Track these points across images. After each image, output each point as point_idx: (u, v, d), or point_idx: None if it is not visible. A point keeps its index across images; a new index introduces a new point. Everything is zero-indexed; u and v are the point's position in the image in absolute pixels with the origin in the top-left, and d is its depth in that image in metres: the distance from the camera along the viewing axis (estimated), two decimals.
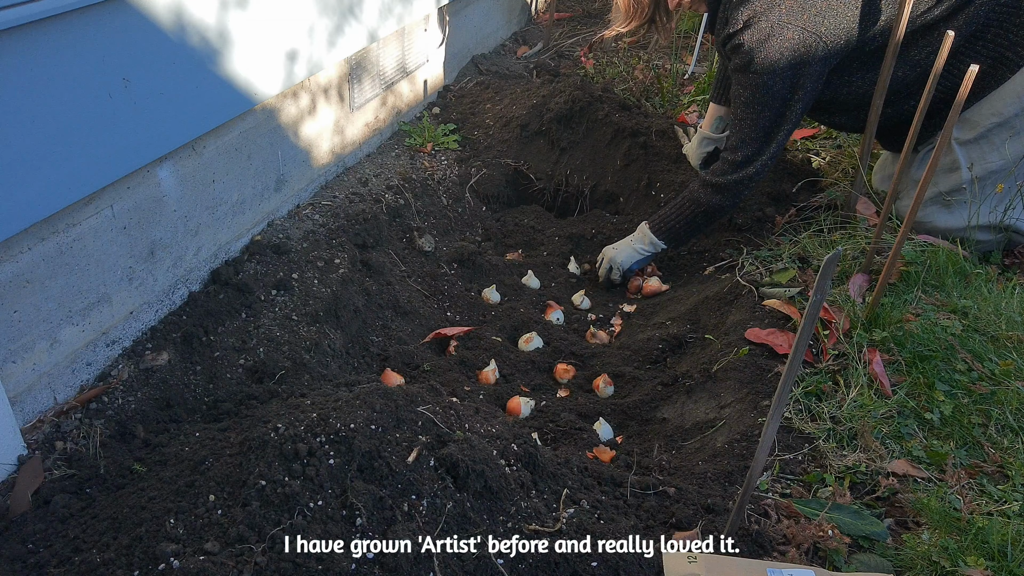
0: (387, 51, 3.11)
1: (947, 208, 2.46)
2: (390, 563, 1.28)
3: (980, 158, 2.40)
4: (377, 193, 2.85)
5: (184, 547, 1.32)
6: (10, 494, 1.54)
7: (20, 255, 1.62)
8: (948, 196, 2.44)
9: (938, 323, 2.01)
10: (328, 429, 1.44)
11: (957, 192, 2.42)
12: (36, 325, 1.70)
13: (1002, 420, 1.78)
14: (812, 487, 1.64)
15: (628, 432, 2.09)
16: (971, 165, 2.40)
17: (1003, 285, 2.26)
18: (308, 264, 2.37)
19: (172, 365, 1.94)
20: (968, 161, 2.41)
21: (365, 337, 2.35)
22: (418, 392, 1.63)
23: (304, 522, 1.32)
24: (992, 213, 2.40)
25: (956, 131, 2.44)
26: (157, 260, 2.03)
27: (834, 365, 1.95)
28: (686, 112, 3.56)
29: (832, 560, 1.44)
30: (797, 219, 2.72)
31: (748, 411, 1.90)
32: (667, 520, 1.53)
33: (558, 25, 4.86)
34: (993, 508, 1.54)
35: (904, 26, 2.16)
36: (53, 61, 1.57)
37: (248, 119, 2.30)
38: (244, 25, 2.12)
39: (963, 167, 2.41)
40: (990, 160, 2.39)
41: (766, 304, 2.22)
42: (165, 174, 2.00)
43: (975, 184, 2.39)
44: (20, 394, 1.69)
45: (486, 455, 1.48)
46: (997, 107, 2.36)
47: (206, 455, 1.57)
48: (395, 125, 3.37)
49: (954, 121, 1.74)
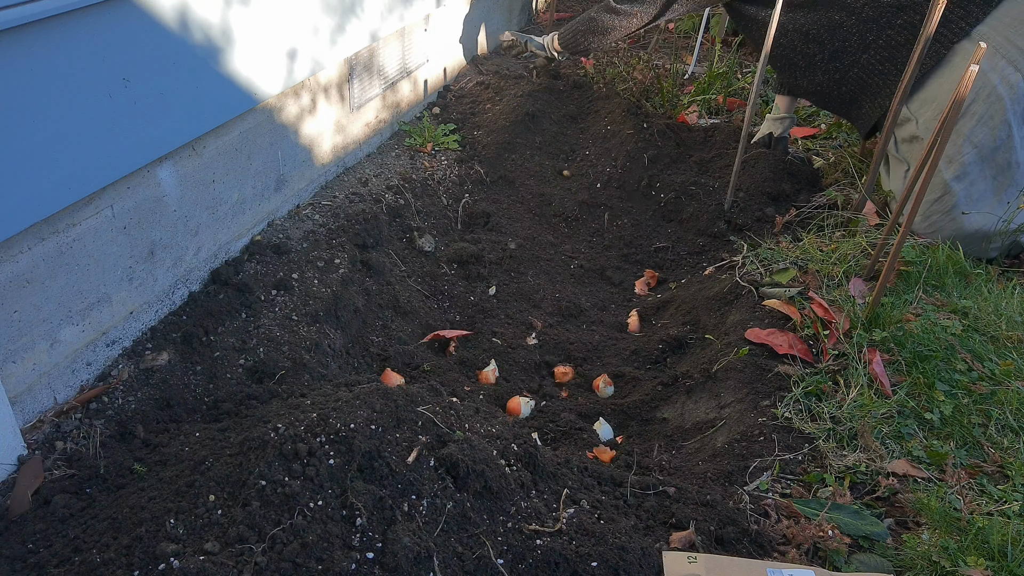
0: (388, 51, 3.11)
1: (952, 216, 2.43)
2: (390, 563, 1.28)
3: (954, 153, 2.38)
4: (377, 193, 2.85)
5: (184, 547, 1.32)
6: (10, 494, 1.54)
7: (20, 255, 1.62)
8: (940, 201, 2.42)
9: (938, 323, 2.01)
10: (328, 429, 1.44)
11: (947, 195, 2.40)
12: (36, 325, 1.70)
13: (1002, 420, 1.78)
14: (812, 487, 1.64)
15: (628, 432, 2.09)
16: (949, 162, 2.37)
17: (1003, 285, 2.26)
18: (308, 264, 2.37)
19: (172, 365, 1.94)
20: (946, 160, 2.37)
21: (365, 337, 2.35)
22: (418, 392, 1.63)
23: (304, 522, 1.32)
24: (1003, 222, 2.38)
25: (920, 127, 2.44)
26: (157, 260, 2.03)
27: (834, 365, 1.95)
28: (686, 112, 3.56)
29: (832, 560, 1.44)
30: (797, 219, 2.72)
31: (748, 411, 1.90)
32: (667, 520, 1.53)
33: (558, 25, 4.86)
34: (993, 508, 1.54)
35: None
36: (53, 61, 1.57)
37: (248, 119, 2.30)
38: (245, 25, 2.12)
39: (941, 167, 2.37)
40: (963, 151, 2.36)
41: (766, 304, 2.22)
42: (165, 174, 2.00)
43: (960, 181, 2.37)
44: (20, 394, 1.69)
45: (486, 455, 1.48)
46: (942, 99, 2.34)
47: (206, 455, 1.57)
48: (395, 125, 3.37)
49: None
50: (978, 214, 2.37)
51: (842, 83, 2.59)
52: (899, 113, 2.49)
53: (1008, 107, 2.30)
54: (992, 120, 2.32)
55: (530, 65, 4.12)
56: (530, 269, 2.87)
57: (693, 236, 2.94)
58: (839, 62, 2.54)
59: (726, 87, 3.74)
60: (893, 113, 2.38)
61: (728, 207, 2.88)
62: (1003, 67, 2.30)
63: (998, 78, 2.30)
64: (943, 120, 1.76)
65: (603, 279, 2.90)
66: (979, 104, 2.33)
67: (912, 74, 2.24)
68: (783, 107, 3.12)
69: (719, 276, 2.58)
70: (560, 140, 3.48)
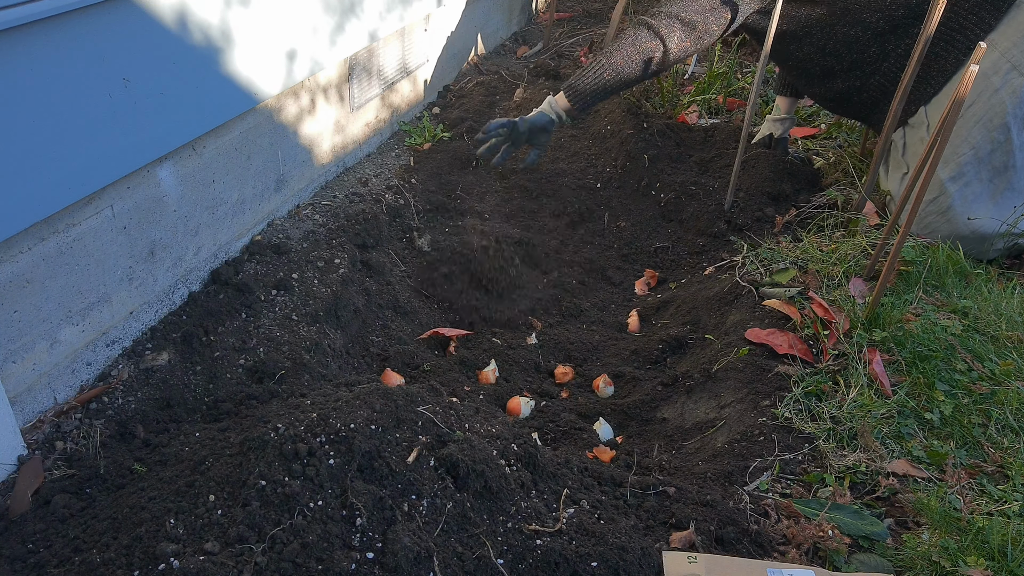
0: (388, 51, 3.11)
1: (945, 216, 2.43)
2: (390, 563, 1.28)
3: (951, 154, 2.38)
4: (377, 193, 2.85)
5: (184, 547, 1.32)
6: (10, 494, 1.54)
7: (20, 255, 1.62)
8: (935, 202, 2.42)
9: (938, 323, 2.01)
10: (328, 429, 1.44)
11: (942, 196, 2.40)
12: (36, 325, 1.70)
13: (1002, 420, 1.78)
14: (812, 487, 1.64)
15: (628, 432, 2.09)
16: (945, 163, 2.38)
17: (1003, 285, 2.26)
18: (308, 264, 2.37)
19: (172, 365, 1.94)
20: (942, 161, 2.37)
21: (365, 337, 2.35)
22: (418, 392, 1.63)
23: (304, 522, 1.32)
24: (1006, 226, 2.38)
25: (920, 130, 2.45)
26: (157, 260, 2.03)
27: (834, 365, 1.95)
28: (686, 112, 3.56)
29: (832, 560, 1.44)
30: (797, 219, 2.72)
31: (748, 411, 1.90)
32: (667, 520, 1.53)
33: (558, 25, 4.86)
34: (993, 508, 1.54)
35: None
36: (53, 61, 1.57)
37: (248, 119, 2.30)
38: (245, 24, 2.13)
39: (937, 168, 2.38)
40: (960, 151, 2.37)
41: (766, 304, 2.22)
42: (165, 174, 2.00)
43: (955, 182, 2.37)
44: (20, 394, 1.69)
45: (486, 455, 1.48)
46: None
47: (206, 455, 1.57)
48: (395, 125, 3.38)
49: (896, 116, 1.75)
50: (974, 217, 2.38)
51: (863, 90, 2.60)
52: (907, 113, 2.50)
53: (1008, 110, 2.30)
54: (991, 122, 2.32)
55: (530, 64, 4.12)
56: None
57: (693, 236, 2.94)
58: (860, 71, 2.55)
59: (726, 87, 3.74)
60: (893, 113, 2.38)
61: (728, 207, 2.88)
62: (1007, 70, 2.31)
63: (1000, 81, 2.31)
64: (943, 120, 1.76)
65: (603, 279, 2.90)
66: (979, 106, 2.34)
67: (912, 74, 2.24)
68: (784, 108, 3.12)
69: (719, 276, 2.58)
70: (560, 140, 3.48)
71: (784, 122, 3.12)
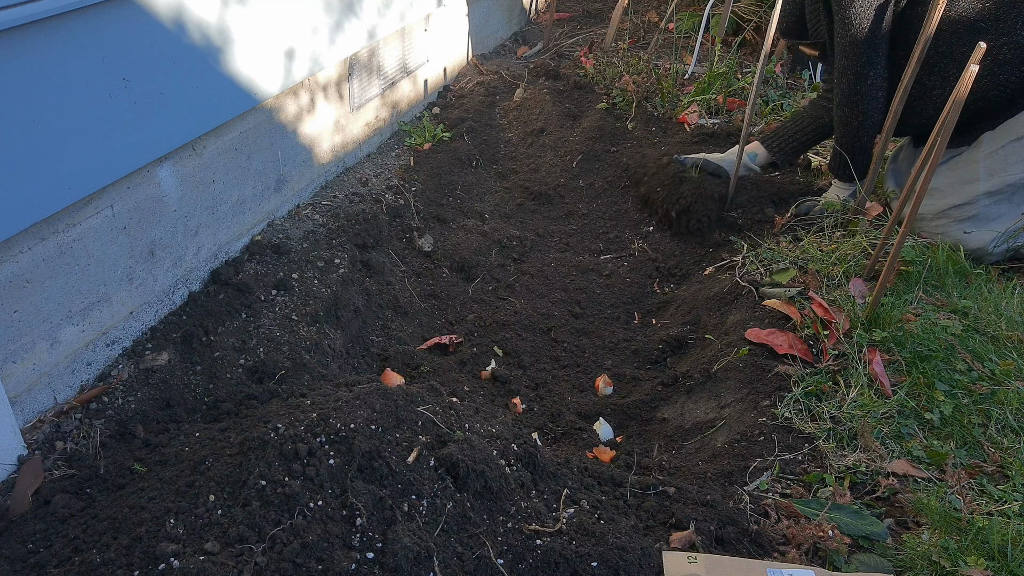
0: (388, 50, 3.11)
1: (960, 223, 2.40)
2: (390, 563, 1.28)
3: (1001, 169, 2.32)
4: (377, 193, 2.85)
5: (184, 547, 1.32)
6: (10, 494, 1.54)
7: (20, 255, 1.62)
8: (961, 208, 2.38)
9: (938, 323, 2.01)
10: (328, 429, 1.44)
11: (970, 205, 2.36)
12: (36, 325, 1.70)
13: (1002, 420, 1.78)
14: (812, 487, 1.64)
15: (628, 432, 2.09)
16: (991, 175, 2.32)
17: (1003, 285, 2.26)
18: (308, 264, 2.37)
19: (172, 365, 1.94)
20: (988, 172, 2.33)
21: (365, 337, 2.35)
22: (418, 392, 1.63)
23: (304, 522, 1.32)
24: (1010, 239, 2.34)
25: (986, 141, 2.38)
26: (157, 260, 2.03)
27: (834, 365, 1.95)
28: (686, 112, 3.56)
29: (832, 560, 1.44)
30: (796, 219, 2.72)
31: (748, 411, 1.90)
32: (667, 520, 1.53)
33: (558, 25, 4.86)
34: (993, 508, 1.54)
35: None
36: (53, 61, 1.57)
37: (248, 119, 2.30)
38: (244, 24, 2.12)
39: (981, 178, 2.34)
40: (1012, 171, 2.30)
41: (766, 304, 2.22)
42: (165, 174, 2.00)
43: (992, 196, 2.33)
44: (20, 394, 1.69)
45: (486, 455, 1.48)
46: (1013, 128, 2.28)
47: (206, 455, 1.57)
48: (395, 125, 3.37)
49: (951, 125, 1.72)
50: (982, 231, 2.35)
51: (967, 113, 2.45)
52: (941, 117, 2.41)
53: None
54: None
55: (530, 64, 4.12)
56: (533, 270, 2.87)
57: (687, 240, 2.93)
58: (948, 89, 2.43)
59: (726, 87, 3.73)
60: (892, 113, 2.37)
61: (728, 207, 2.88)
62: None
63: None
64: (943, 120, 1.76)
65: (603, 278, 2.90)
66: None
67: (912, 74, 2.23)
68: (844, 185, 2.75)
69: (719, 276, 2.58)
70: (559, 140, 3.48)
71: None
